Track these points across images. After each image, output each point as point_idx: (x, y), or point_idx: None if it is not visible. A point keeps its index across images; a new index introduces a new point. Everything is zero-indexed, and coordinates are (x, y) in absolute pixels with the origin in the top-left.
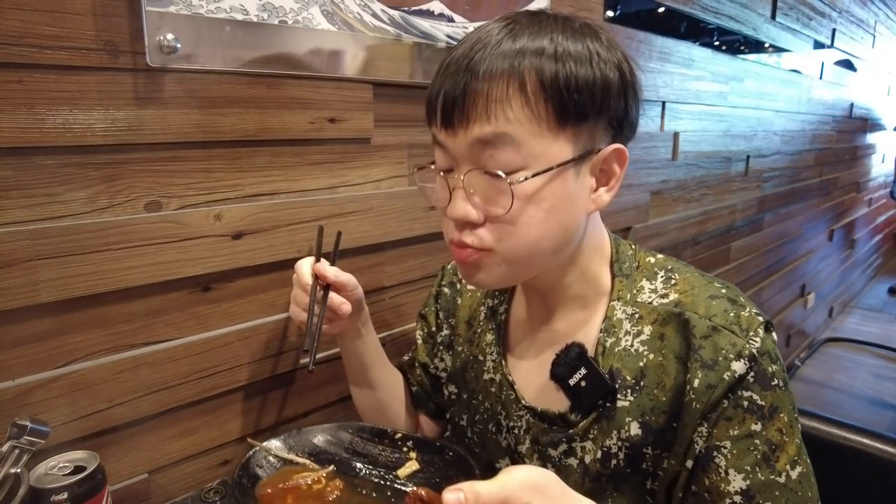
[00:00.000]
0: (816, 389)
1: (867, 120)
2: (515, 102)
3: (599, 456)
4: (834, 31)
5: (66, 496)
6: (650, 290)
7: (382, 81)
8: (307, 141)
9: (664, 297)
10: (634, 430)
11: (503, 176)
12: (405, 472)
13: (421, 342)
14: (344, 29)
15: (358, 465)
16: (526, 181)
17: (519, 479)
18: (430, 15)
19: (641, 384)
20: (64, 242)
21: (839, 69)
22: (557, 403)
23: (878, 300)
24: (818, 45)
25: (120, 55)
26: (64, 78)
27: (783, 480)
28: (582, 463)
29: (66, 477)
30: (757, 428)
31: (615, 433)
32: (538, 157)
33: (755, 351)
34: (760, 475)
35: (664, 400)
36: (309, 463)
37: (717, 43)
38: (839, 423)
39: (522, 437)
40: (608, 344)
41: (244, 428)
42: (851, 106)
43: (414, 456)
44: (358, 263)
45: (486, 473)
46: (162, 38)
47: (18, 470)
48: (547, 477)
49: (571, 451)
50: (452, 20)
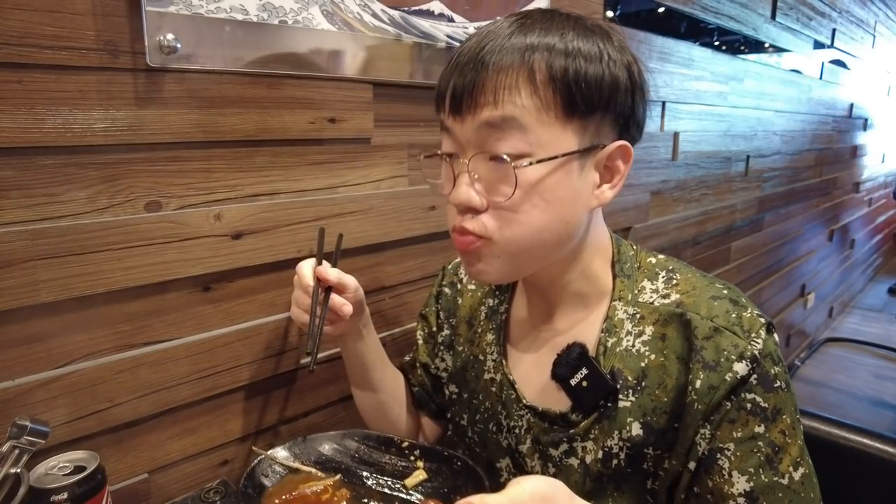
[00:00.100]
0: (816, 389)
1: (867, 120)
2: (524, 90)
3: (600, 456)
4: (834, 31)
5: (66, 496)
6: (651, 290)
7: (382, 81)
8: (307, 141)
9: (665, 297)
10: (636, 430)
11: (507, 159)
12: (413, 481)
13: (422, 342)
14: (344, 29)
15: (364, 473)
16: (530, 167)
17: (529, 490)
18: (430, 15)
19: (643, 384)
20: (64, 242)
21: (839, 69)
22: (558, 403)
23: (878, 300)
24: (818, 45)
25: (120, 55)
26: (64, 78)
27: (786, 482)
28: (583, 463)
29: (66, 477)
30: (760, 430)
31: (616, 433)
32: (544, 145)
33: (757, 352)
34: (764, 477)
35: (665, 400)
36: (315, 471)
37: (717, 43)
38: (839, 423)
39: (523, 436)
40: (609, 344)
41: (244, 428)
42: (851, 106)
43: (421, 465)
44: (358, 263)
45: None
46: (162, 38)
47: (18, 470)
48: (555, 486)
49: (572, 450)
50: (452, 20)
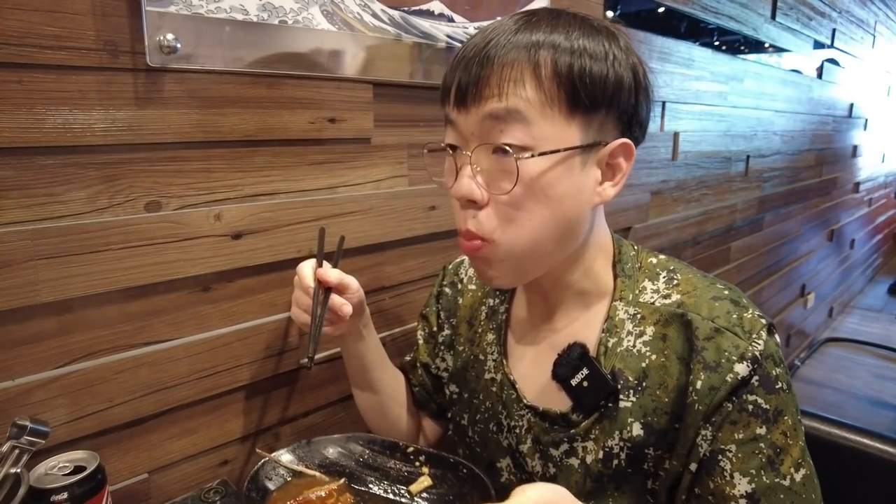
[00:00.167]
0: (816, 389)
1: (867, 120)
2: (529, 84)
3: (601, 456)
4: (834, 31)
5: (66, 496)
6: (652, 290)
7: (382, 81)
8: (307, 141)
9: (666, 297)
10: (636, 430)
11: (510, 151)
12: (417, 487)
13: (422, 342)
14: (344, 29)
15: (369, 478)
16: (532, 159)
17: (534, 498)
18: (430, 15)
19: (643, 385)
20: (64, 242)
21: (840, 69)
22: (559, 403)
23: (878, 300)
24: (818, 45)
25: (120, 55)
26: (64, 78)
27: (788, 483)
28: (583, 463)
29: (66, 477)
30: (762, 431)
31: (617, 433)
32: (547, 139)
33: (758, 353)
34: (765, 478)
35: (666, 401)
36: (319, 475)
37: (717, 43)
38: (839, 423)
39: (524, 436)
40: (610, 344)
41: (244, 428)
42: (851, 106)
43: (426, 471)
44: (358, 263)
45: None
46: (162, 38)
47: (18, 470)
48: (560, 493)
49: (573, 450)
50: (452, 20)
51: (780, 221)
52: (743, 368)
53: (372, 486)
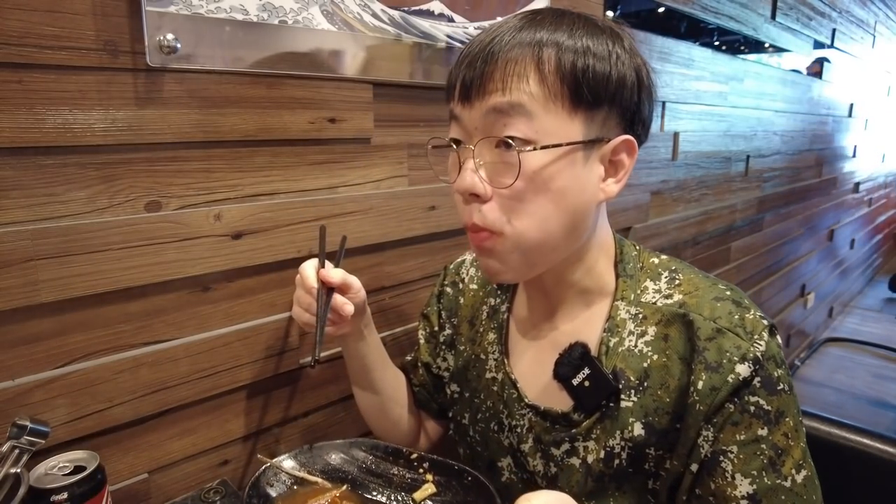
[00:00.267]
0: (816, 389)
1: (867, 120)
2: (532, 79)
3: (602, 456)
4: (834, 31)
5: (66, 496)
6: (654, 290)
7: (382, 81)
8: (307, 141)
9: (668, 297)
10: (637, 430)
11: (513, 144)
12: (421, 495)
13: (423, 342)
14: (344, 29)
15: (372, 485)
16: (534, 152)
17: None
18: (430, 15)
19: (645, 385)
20: (64, 242)
21: (840, 69)
22: (560, 402)
23: (877, 300)
24: (818, 45)
25: (120, 55)
26: (64, 78)
27: (789, 484)
28: (584, 462)
29: (66, 477)
30: (763, 433)
31: (618, 433)
32: (550, 133)
33: (759, 354)
34: (766, 480)
35: (668, 401)
36: (321, 481)
37: (717, 43)
38: (839, 423)
39: (525, 435)
40: (612, 344)
41: (244, 428)
42: (851, 106)
43: (430, 478)
44: (358, 263)
45: (489, 472)
46: (162, 38)
47: (18, 470)
48: (564, 500)
49: (574, 450)
50: (452, 20)
51: (779, 221)
52: (744, 369)
53: (375, 493)
